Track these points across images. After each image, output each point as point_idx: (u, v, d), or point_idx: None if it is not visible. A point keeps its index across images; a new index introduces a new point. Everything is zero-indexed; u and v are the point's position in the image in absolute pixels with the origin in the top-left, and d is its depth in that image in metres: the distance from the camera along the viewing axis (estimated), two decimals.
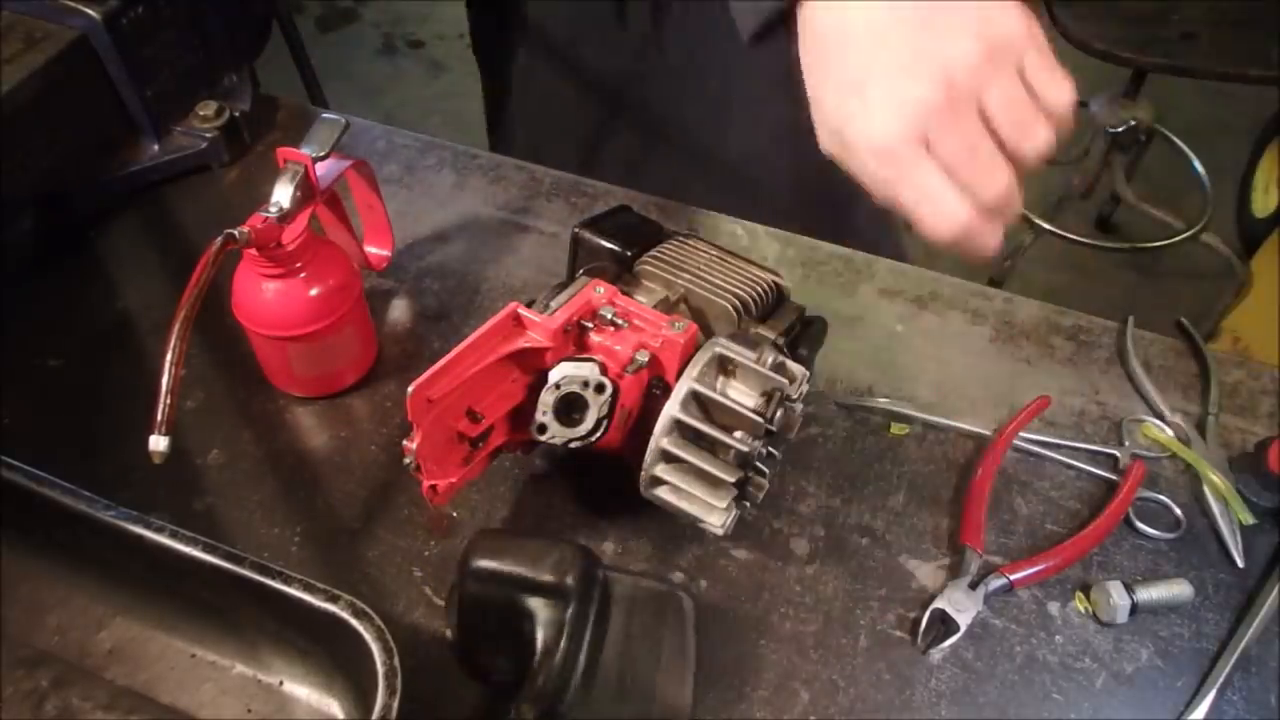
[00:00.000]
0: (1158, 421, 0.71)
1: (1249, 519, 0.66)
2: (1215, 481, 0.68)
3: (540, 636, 0.54)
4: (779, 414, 0.56)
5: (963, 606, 0.61)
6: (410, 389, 0.52)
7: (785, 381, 0.56)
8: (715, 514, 0.58)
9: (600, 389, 0.56)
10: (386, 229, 0.78)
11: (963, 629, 0.61)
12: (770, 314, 0.66)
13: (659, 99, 0.96)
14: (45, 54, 0.74)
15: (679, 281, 0.63)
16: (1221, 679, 0.60)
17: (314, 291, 0.65)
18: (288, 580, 0.51)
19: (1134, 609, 0.62)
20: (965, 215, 0.52)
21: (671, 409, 0.56)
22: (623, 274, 0.65)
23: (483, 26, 1.03)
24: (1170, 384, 0.74)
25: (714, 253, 0.67)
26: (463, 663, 0.59)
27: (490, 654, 0.58)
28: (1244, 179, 2.33)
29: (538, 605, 0.54)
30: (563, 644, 0.53)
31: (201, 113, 0.85)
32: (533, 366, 0.59)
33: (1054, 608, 0.63)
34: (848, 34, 0.53)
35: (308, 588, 0.51)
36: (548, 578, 0.54)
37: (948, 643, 0.60)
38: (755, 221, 0.85)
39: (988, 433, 0.70)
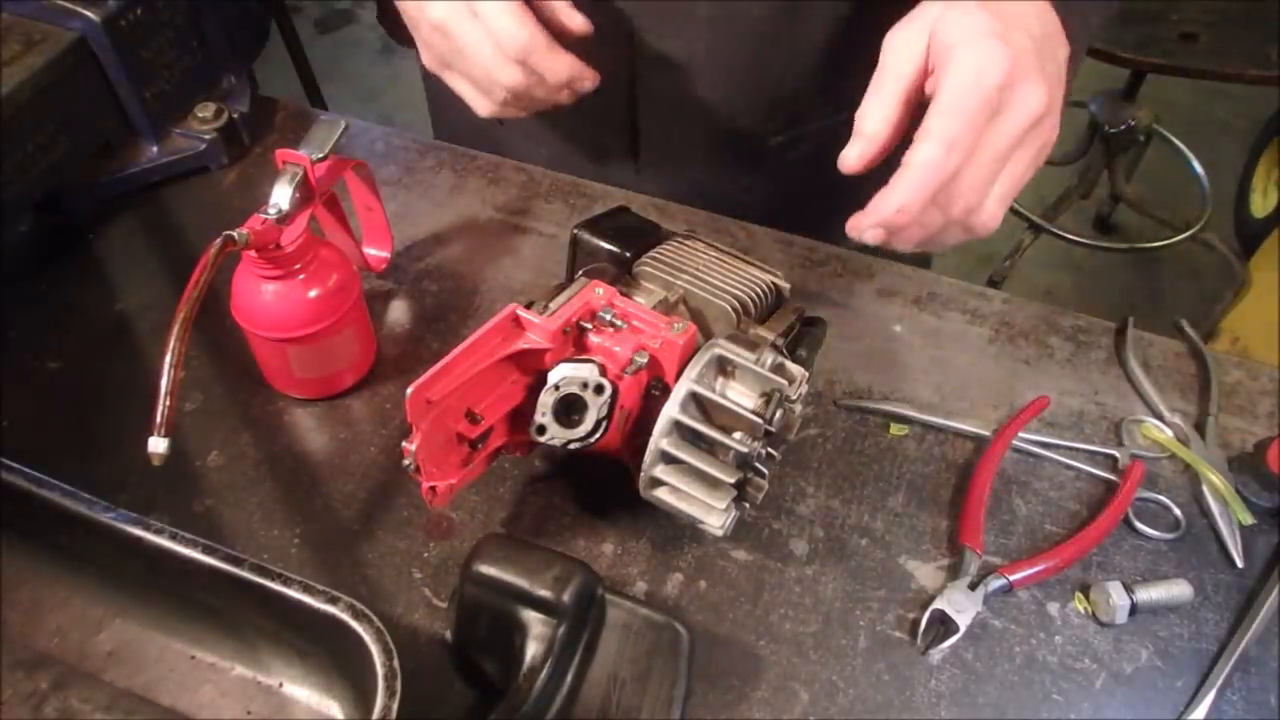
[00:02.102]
0: (1157, 422, 0.72)
1: (1248, 519, 0.66)
2: (1215, 482, 0.68)
3: (529, 652, 0.53)
4: (778, 415, 0.56)
5: (962, 607, 0.61)
6: (409, 390, 0.52)
7: (784, 382, 0.56)
8: (714, 515, 0.58)
9: (599, 390, 0.56)
10: (385, 230, 0.78)
11: (962, 630, 0.60)
12: (769, 315, 0.66)
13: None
14: (44, 56, 0.74)
15: (678, 282, 0.63)
16: (1221, 679, 0.60)
17: (313, 293, 0.65)
18: (287, 582, 0.51)
19: (1133, 609, 0.62)
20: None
21: (670, 410, 0.56)
22: (622, 275, 0.65)
23: None
24: (1170, 384, 0.74)
25: (713, 253, 0.67)
26: (457, 665, 0.59)
27: (482, 659, 0.58)
28: (1242, 179, 2.33)
29: (531, 619, 0.54)
30: (549, 664, 0.53)
31: (200, 114, 0.85)
32: (532, 368, 0.59)
33: (1053, 608, 0.63)
34: None
35: (307, 589, 0.51)
36: (544, 592, 0.53)
37: (947, 643, 0.60)
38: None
39: (987, 433, 0.70)
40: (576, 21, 0.69)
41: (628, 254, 0.65)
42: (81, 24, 0.76)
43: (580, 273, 0.65)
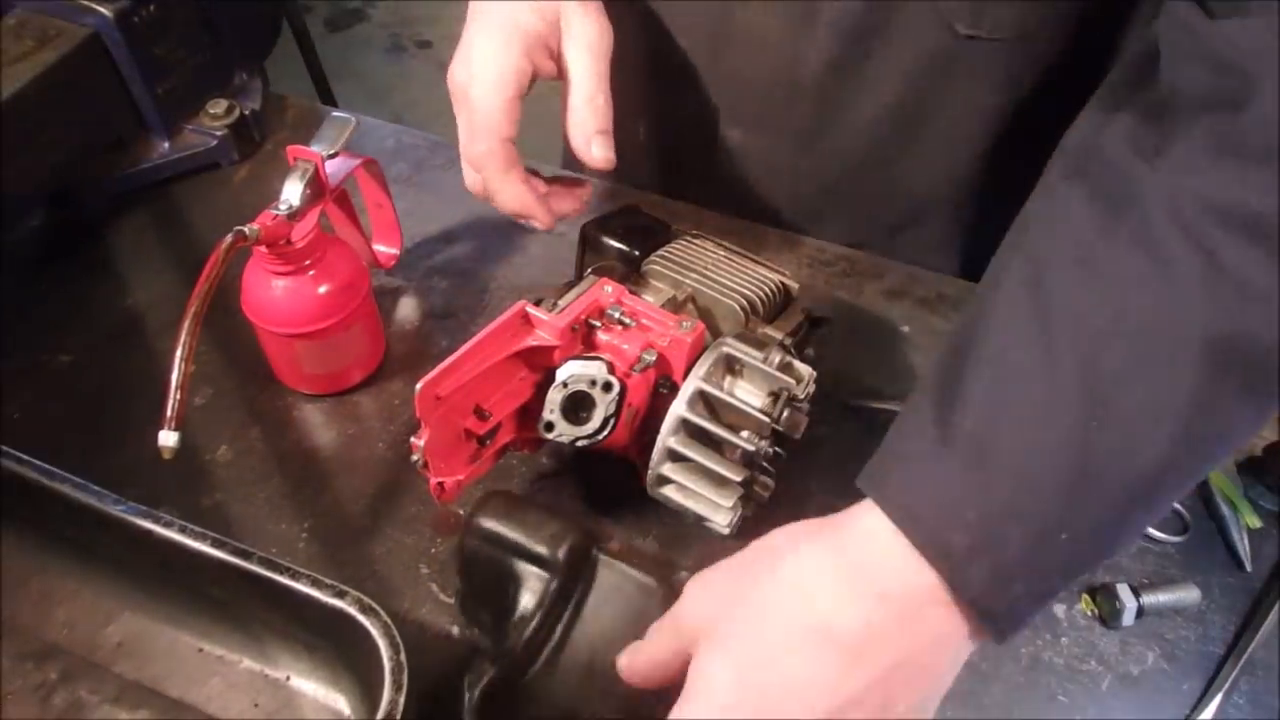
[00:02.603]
0: None
1: (1256, 523, 0.66)
2: (1223, 485, 0.67)
3: (522, 602, 0.56)
4: (785, 414, 0.56)
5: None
6: (418, 386, 0.53)
7: (792, 382, 0.57)
8: (721, 513, 0.58)
9: (607, 388, 0.56)
10: (395, 227, 0.78)
11: None
12: (778, 314, 0.66)
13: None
14: (57, 51, 0.74)
15: (686, 281, 0.63)
16: (1228, 683, 0.60)
17: (323, 289, 0.65)
18: (295, 576, 0.51)
19: (1140, 611, 0.62)
20: None
21: (678, 408, 0.56)
22: (631, 273, 0.65)
23: None
24: None
25: (722, 252, 0.67)
26: (465, 617, 0.61)
27: (479, 609, 0.59)
28: None
29: (526, 572, 0.56)
30: (539, 615, 0.55)
31: (212, 111, 0.86)
32: (540, 365, 0.59)
33: (1060, 610, 0.63)
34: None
35: (315, 583, 0.51)
36: (540, 549, 0.56)
37: None
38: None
39: None
40: (595, 157, 0.63)
41: (637, 252, 0.65)
42: (95, 20, 0.76)
43: (589, 270, 0.65)
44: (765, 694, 0.43)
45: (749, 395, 0.58)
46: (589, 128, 0.62)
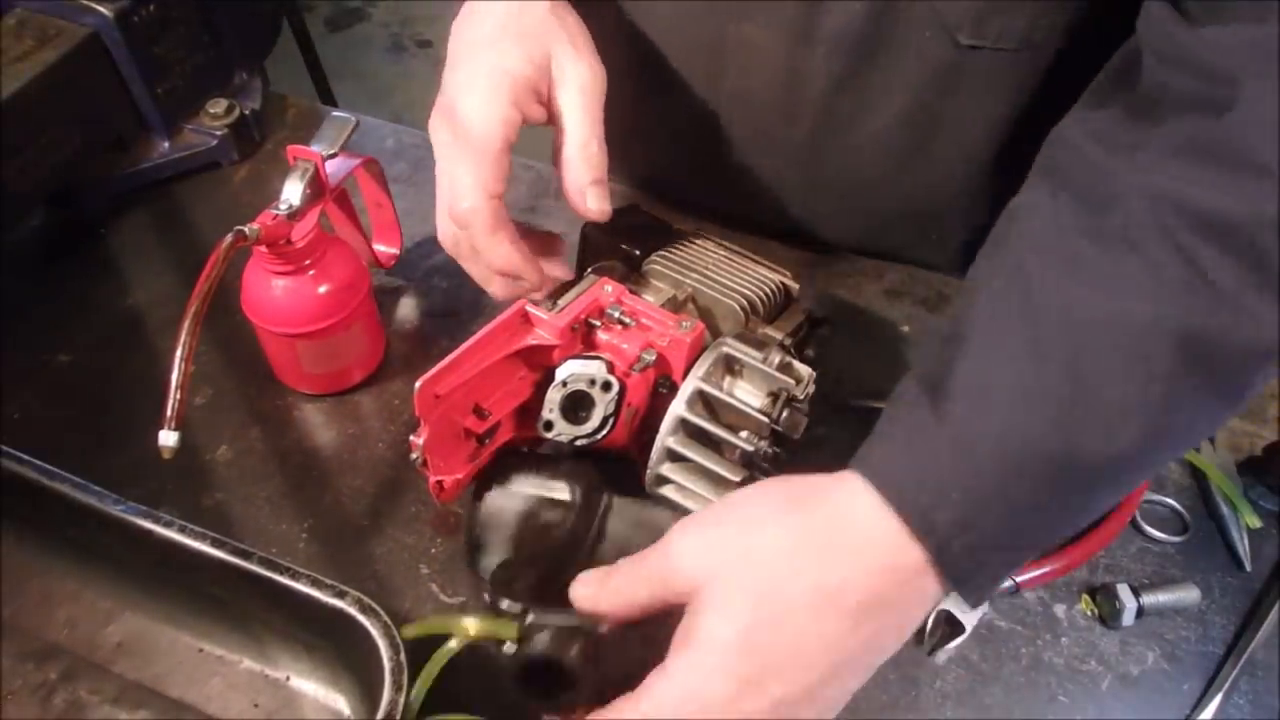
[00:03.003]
0: None
1: (1256, 523, 0.66)
2: (1223, 485, 0.67)
3: (535, 541, 0.57)
4: (785, 414, 0.56)
5: (968, 608, 0.61)
6: (418, 384, 0.53)
7: (791, 382, 0.57)
8: None
9: (607, 387, 0.56)
10: (395, 227, 0.78)
11: (968, 630, 0.60)
12: (778, 314, 0.66)
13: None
14: (58, 51, 0.74)
15: (687, 281, 0.63)
16: (1228, 683, 0.60)
17: (323, 289, 0.65)
18: (295, 576, 0.52)
19: (1140, 612, 0.62)
20: None
21: (678, 408, 0.56)
22: (631, 273, 0.65)
23: None
24: None
25: (722, 252, 0.67)
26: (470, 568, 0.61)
27: (490, 556, 0.59)
28: None
29: (542, 507, 0.58)
30: (551, 553, 0.56)
31: (212, 110, 0.86)
32: (540, 364, 0.59)
33: (1060, 610, 0.63)
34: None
35: (315, 583, 0.51)
36: (559, 486, 0.58)
37: (953, 644, 0.60)
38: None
39: None
40: (590, 209, 0.60)
41: (637, 252, 0.65)
42: (95, 20, 0.76)
43: (589, 270, 0.65)
44: (768, 653, 0.45)
45: (748, 395, 0.58)
46: (583, 179, 0.59)
